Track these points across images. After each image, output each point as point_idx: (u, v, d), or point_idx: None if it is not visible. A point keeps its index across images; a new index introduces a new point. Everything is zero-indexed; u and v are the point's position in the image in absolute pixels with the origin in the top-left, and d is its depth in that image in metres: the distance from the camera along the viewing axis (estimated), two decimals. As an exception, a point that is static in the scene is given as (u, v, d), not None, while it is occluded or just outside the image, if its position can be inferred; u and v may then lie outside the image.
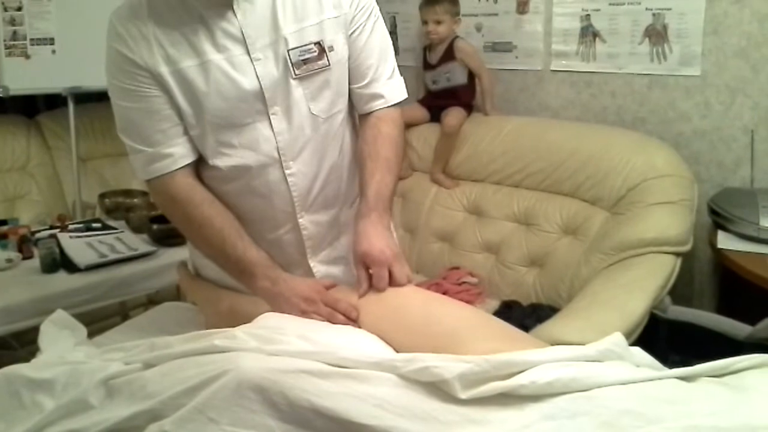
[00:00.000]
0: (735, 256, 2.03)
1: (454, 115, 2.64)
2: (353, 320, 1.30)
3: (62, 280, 2.06)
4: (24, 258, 2.19)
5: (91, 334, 1.52)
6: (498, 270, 2.43)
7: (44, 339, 1.42)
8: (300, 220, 1.44)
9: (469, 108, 2.73)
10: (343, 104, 1.44)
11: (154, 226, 2.31)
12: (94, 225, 2.41)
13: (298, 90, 1.35)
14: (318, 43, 1.37)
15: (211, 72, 1.30)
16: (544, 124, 2.58)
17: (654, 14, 2.44)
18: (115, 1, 2.86)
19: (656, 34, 2.45)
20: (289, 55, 1.33)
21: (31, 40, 2.86)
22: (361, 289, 1.33)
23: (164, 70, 1.30)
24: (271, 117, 1.35)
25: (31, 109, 3.29)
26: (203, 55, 1.30)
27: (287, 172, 1.38)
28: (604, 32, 2.57)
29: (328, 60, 1.38)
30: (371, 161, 1.42)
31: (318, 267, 1.51)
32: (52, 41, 2.87)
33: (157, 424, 1.09)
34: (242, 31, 1.31)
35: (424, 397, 1.02)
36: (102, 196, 2.67)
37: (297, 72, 1.34)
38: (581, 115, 2.68)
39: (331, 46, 1.38)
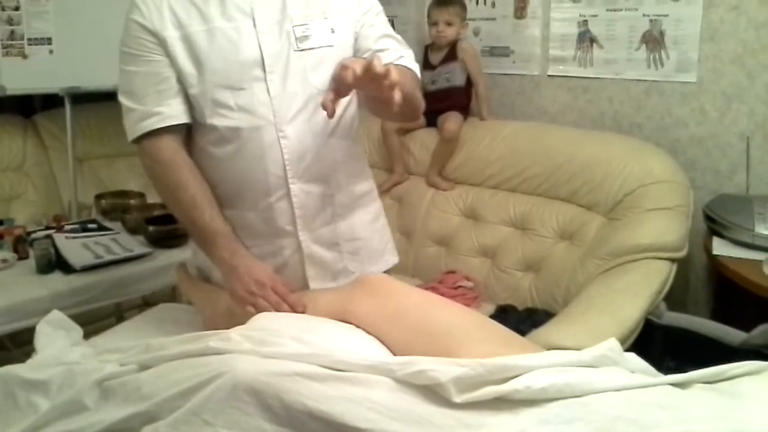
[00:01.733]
0: (730, 262, 2.03)
1: (453, 120, 2.65)
2: (299, 313, 1.36)
3: (58, 280, 2.05)
4: (19, 258, 2.19)
5: (86, 335, 1.52)
6: (494, 274, 2.43)
7: (40, 340, 1.42)
8: (291, 186, 1.46)
9: (465, 111, 2.74)
10: None
11: (150, 228, 2.31)
12: (90, 226, 2.41)
13: (298, 62, 1.43)
14: (324, 24, 1.46)
15: (216, 36, 1.41)
16: (541, 129, 2.58)
17: (651, 20, 2.45)
18: (113, 1, 2.86)
19: (653, 41, 2.46)
20: (293, 30, 1.44)
21: (29, 39, 2.86)
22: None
23: (172, 34, 1.41)
24: (268, 83, 1.42)
25: (28, 108, 3.28)
26: (211, 21, 1.41)
27: (281, 134, 1.43)
28: (602, 38, 2.58)
29: (330, 39, 1.46)
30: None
31: (308, 243, 1.52)
32: (49, 41, 2.87)
33: (152, 426, 1.09)
34: (251, 7, 1.42)
35: (419, 401, 1.02)
36: (98, 196, 2.67)
37: (299, 45, 1.44)
38: (578, 120, 2.69)
39: (333, 29, 1.47)
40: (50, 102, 3.22)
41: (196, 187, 1.44)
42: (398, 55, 1.51)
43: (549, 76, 2.75)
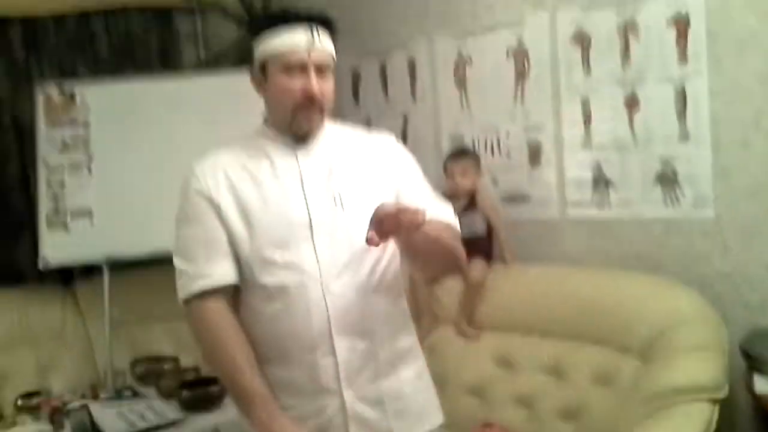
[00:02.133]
0: (775, 400, 1.97)
1: (479, 268, 2.69)
2: None
3: (92, 453, 2.06)
4: (55, 430, 2.20)
5: None
6: (533, 424, 2.37)
7: None
8: (336, 343, 1.49)
9: (489, 258, 2.79)
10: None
11: (184, 392, 2.34)
12: (125, 393, 2.44)
13: (343, 222, 1.52)
14: (369, 190, 1.55)
15: (268, 200, 1.52)
16: (564, 272, 2.61)
17: (662, 161, 2.52)
18: (147, 174, 3.05)
19: (667, 180, 2.52)
20: (339, 195, 1.54)
21: (71, 213, 3.02)
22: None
23: (225, 199, 1.52)
24: (315, 242, 1.50)
25: (67, 276, 3.40)
26: (262, 183, 1.53)
27: (326, 290, 1.49)
28: (616, 180, 2.65)
29: (373, 200, 1.49)
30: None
31: (352, 401, 1.52)
32: (90, 213, 3.02)
33: None
34: (300, 172, 1.54)
35: None
36: (133, 362, 2.71)
37: (346, 208, 1.53)
38: (601, 260, 2.70)
39: (379, 192, 1.55)
40: (89, 268, 3.34)
41: (238, 348, 1.49)
42: (438, 210, 1.59)
43: (568, 219, 2.81)
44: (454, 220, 1.62)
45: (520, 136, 2.93)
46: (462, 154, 2.82)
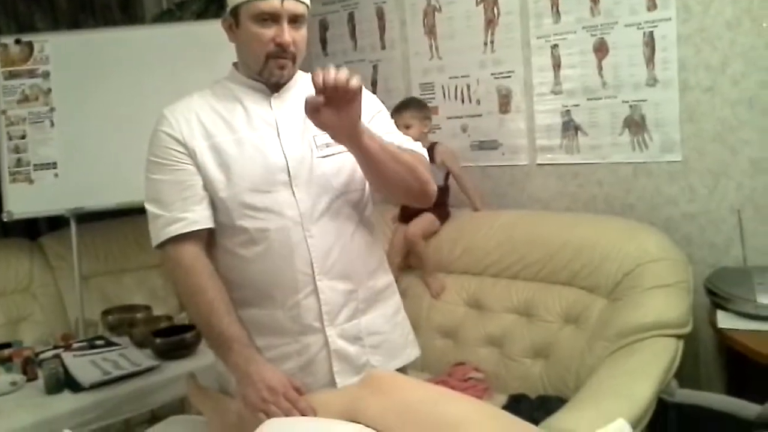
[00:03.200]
0: (737, 334, 2.04)
1: (415, 224, 2.76)
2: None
3: (67, 400, 2.05)
4: (28, 380, 2.19)
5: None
6: (503, 363, 2.42)
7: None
8: (318, 284, 1.52)
9: (444, 210, 2.83)
10: (359, 185, 1.59)
11: (157, 340, 2.33)
12: (98, 342, 2.43)
13: (320, 167, 1.53)
14: None
15: (244, 144, 1.51)
16: (535, 216, 2.65)
17: (630, 106, 2.56)
18: (111, 125, 3.00)
19: (635, 125, 2.56)
20: (314, 140, 1.54)
21: (35, 165, 2.96)
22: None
23: (200, 144, 1.51)
24: (294, 186, 1.51)
25: (34, 231, 3.35)
26: (238, 132, 1.53)
27: (307, 233, 1.51)
28: (585, 125, 2.68)
29: None
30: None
31: (335, 339, 1.55)
32: (54, 165, 2.97)
33: None
34: (275, 119, 1.54)
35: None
36: (105, 312, 2.69)
37: (320, 152, 1.54)
38: (571, 205, 2.75)
39: None
40: (55, 223, 3.29)
41: (215, 292, 1.49)
42: (404, 141, 1.59)
43: (538, 164, 2.84)
44: (421, 150, 1.62)
45: (490, 83, 2.94)
46: (403, 106, 2.80)
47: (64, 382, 2.11)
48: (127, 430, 2.46)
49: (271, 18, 1.47)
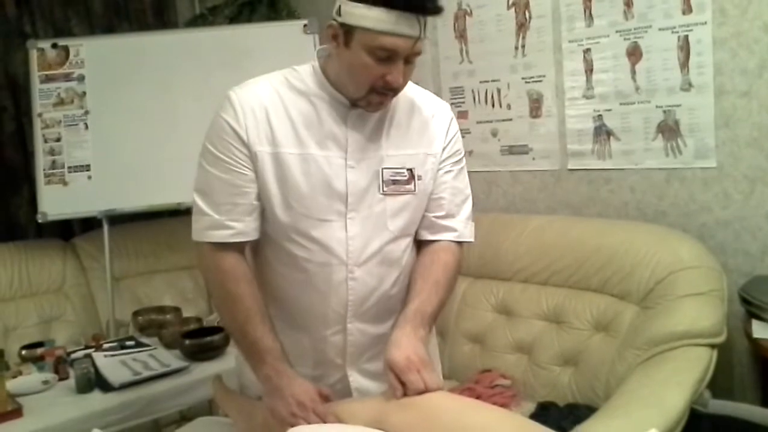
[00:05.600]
0: (772, 345, 1.99)
1: None
2: None
3: (97, 399, 2.08)
4: (60, 379, 2.22)
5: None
6: (531, 370, 2.40)
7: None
8: (349, 325, 1.48)
9: None
10: (413, 230, 1.52)
11: (186, 342, 2.35)
12: (128, 343, 2.46)
13: (381, 204, 1.44)
14: (410, 170, 1.46)
15: (309, 164, 1.40)
16: (566, 222, 2.61)
17: (664, 111, 2.51)
18: (144, 128, 3.05)
19: (669, 130, 2.51)
20: (382, 172, 1.44)
21: (69, 167, 3.01)
22: (396, 394, 1.33)
23: (264, 150, 1.39)
24: (348, 220, 1.42)
25: (67, 231, 3.41)
26: (305, 147, 1.40)
27: (350, 275, 1.44)
28: (618, 130, 2.64)
29: (415, 186, 1.47)
30: (421, 280, 1.47)
31: (355, 376, 1.53)
32: (88, 168, 3.01)
33: None
34: (347, 139, 1.41)
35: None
36: (135, 313, 2.73)
37: (385, 189, 1.44)
38: (602, 211, 2.71)
39: (420, 176, 1.48)
40: (88, 224, 3.34)
41: (252, 302, 1.43)
42: (449, 231, 1.53)
43: (569, 170, 2.80)
44: (467, 233, 1.55)
45: (521, 87, 2.91)
46: None
47: (95, 382, 2.14)
48: (156, 431, 2.48)
49: (390, 56, 1.30)
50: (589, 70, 2.70)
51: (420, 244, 1.56)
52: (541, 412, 2.17)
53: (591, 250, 2.37)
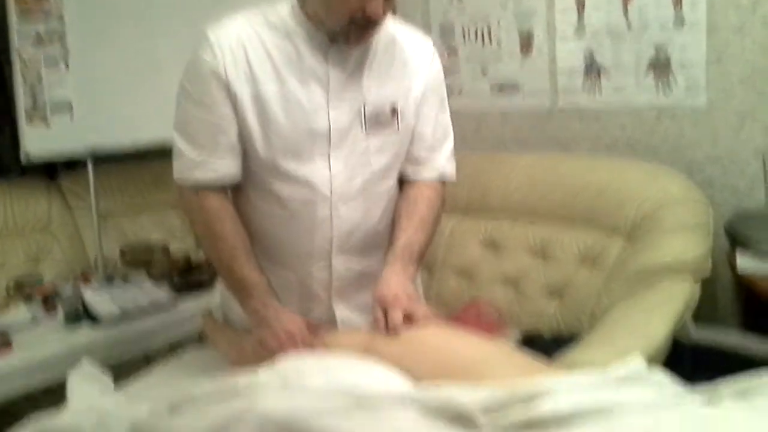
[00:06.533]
0: (756, 277, 2.01)
1: None
2: None
3: (86, 334, 2.09)
4: (48, 314, 2.22)
5: (116, 385, 1.54)
6: (518, 302, 2.42)
7: (71, 390, 1.45)
8: (334, 260, 1.49)
9: None
10: (397, 168, 1.52)
11: (175, 278, 2.35)
12: (116, 279, 2.45)
13: (363, 143, 1.44)
14: (393, 107, 1.46)
15: (289, 102, 1.38)
16: (556, 159, 2.60)
17: (656, 47, 2.48)
18: (128, 65, 2.98)
19: (660, 66, 2.49)
20: (364, 110, 1.43)
21: (51, 106, 2.95)
22: (379, 326, 1.35)
23: (243, 89, 1.37)
24: (332, 159, 1.42)
25: (52, 170, 3.36)
26: (286, 84, 1.38)
27: (334, 212, 1.45)
28: (609, 67, 2.61)
29: (398, 124, 1.47)
30: (407, 218, 1.49)
31: (341, 310, 1.54)
32: (70, 107, 2.95)
33: (184, 466, 1.10)
34: (328, 77, 1.39)
35: (445, 428, 1.02)
36: (123, 249, 2.72)
37: (367, 127, 1.43)
38: (592, 148, 2.70)
39: (403, 113, 1.47)
40: (73, 162, 3.29)
41: (237, 239, 1.44)
42: (430, 168, 1.54)
43: (559, 108, 2.78)
44: (449, 171, 1.56)
45: (512, 24, 2.86)
46: None
47: (83, 316, 2.15)
48: (146, 364, 2.50)
49: None
50: (580, 6, 2.64)
51: (402, 180, 1.57)
52: (527, 342, 2.20)
53: (580, 186, 2.37)
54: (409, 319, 1.33)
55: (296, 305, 1.52)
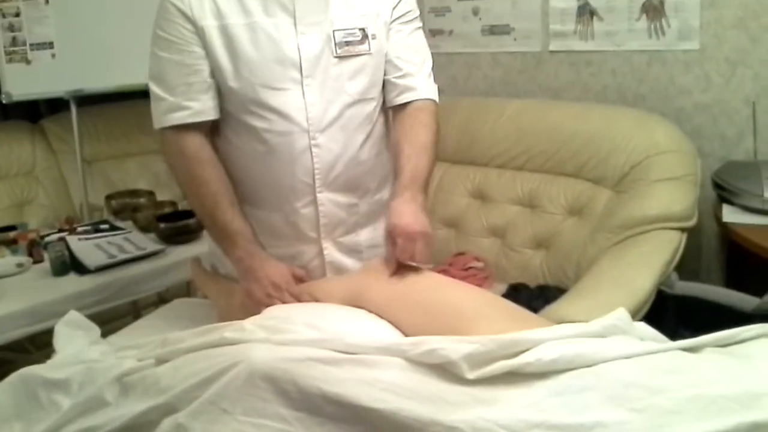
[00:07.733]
0: (740, 229, 2.02)
1: None
2: None
3: (73, 282, 2.08)
4: (34, 262, 2.22)
5: (104, 334, 1.55)
6: (504, 253, 2.43)
7: (59, 340, 1.45)
8: (318, 195, 1.48)
9: None
10: (375, 93, 1.51)
11: (162, 225, 2.34)
12: (102, 226, 2.44)
13: (336, 68, 1.43)
14: (362, 29, 1.45)
15: (256, 32, 1.39)
16: (545, 106, 2.57)
17: (650, -10, 2.43)
18: (109, 5, 2.90)
19: (653, 10, 2.44)
20: (333, 35, 1.43)
21: (31, 45, 2.87)
22: (389, 268, 1.37)
23: (210, 24, 1.39)
24: (305, 87, 1.42)
25: (35, 113, 3.30)
26: (252, 15, 1.39)
27: (313, 142, 1.44)
28: (602, 10, 2.56)
29: (369, 46, 1.46)
30: (408, 146, 1.48)
31: (330, 250, 1.54)
32: (51, 45, 2.88)
33: (172, 418, 1.12)
34: (294, 4, 1.40)
35: (431, 379, 1.04)
36: (109, 197, 2.69)
37: (338, 51, 1.43)
38: (582, 94, 2.67)
39: (374, 35, 1.47)
40: (56, 106, 3.24)
41: (219, 185, 1.45)
42: (413, 90, 1.52)
43: (551, 51, 2.73)
44: (429, 92, 1.54)
45: (504, -36, 2.78)
46: None
47: (70, 265, 2.14)
48: (134, 313, 2.51)
49: None
50: (575, -54, 2.58)
51: (394, 112, 1.56)
52: (513, 293, 2.22)
53: (568, 135, 2.35)
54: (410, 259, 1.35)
55: (286, 249, 1.52)
